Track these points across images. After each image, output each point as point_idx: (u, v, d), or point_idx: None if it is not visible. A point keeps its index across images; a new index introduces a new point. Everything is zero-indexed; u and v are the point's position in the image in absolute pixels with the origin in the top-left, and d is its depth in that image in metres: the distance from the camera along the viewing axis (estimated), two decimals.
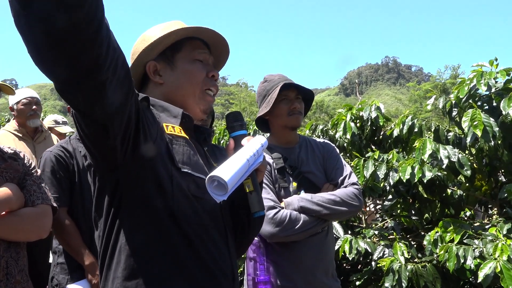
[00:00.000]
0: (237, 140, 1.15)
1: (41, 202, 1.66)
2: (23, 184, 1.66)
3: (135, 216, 1.05)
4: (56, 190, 2.08)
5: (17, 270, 1.59)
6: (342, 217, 2.15)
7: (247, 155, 1.06)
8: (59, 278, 2.12)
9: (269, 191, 1.87)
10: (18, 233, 1.60)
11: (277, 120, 2.01)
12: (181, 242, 1.05)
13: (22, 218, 1.59)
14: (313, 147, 2.07)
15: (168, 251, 1.05)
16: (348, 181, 1.95)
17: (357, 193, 1.91)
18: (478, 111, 2.49)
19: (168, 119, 1.16)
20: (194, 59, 1.24)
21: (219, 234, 1.13)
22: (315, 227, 1.85)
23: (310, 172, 1.98)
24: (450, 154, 2.61)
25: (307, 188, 1.94)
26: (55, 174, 2.11)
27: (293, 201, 1.86)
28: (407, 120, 3.08)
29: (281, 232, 1.79)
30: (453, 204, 3.01)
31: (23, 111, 3.33)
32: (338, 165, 2.01)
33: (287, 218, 1.80)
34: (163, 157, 1.06)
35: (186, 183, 1.07)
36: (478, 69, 2.71)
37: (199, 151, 1.20)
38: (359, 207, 1.92)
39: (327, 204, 1.84)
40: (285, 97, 1.98)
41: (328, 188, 1.95)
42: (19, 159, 1.72)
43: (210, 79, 1.24)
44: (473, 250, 2.34)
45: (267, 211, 1.80)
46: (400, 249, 2.61)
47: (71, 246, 2.07)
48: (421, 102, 42.30)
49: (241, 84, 41.78)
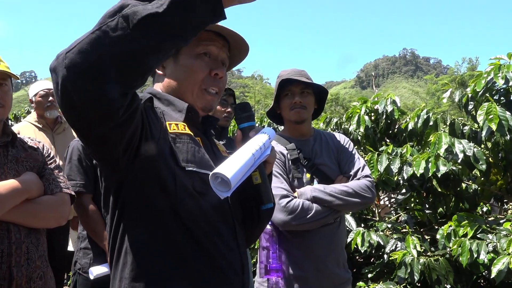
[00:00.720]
0: (245, 132, 1.15)
1: (60, 191, 1.72)
2: (42, 173, 1.72)
3: (140, 218, 1.05)
4: (82, 178, 2.18)
5: (37, 256, 1.65)
6: (354, 208, 2.17)
7: (253, 149, 1.05)
8: (82, 263, 2.22)
9: (282, 181, 1.90)
10: (38, 220, 1.66)
11: (283, 114, 2.07)
12: (187, 241, 1.05)
13: (41, 205, 1.65)
14: (327, 140, 2.09)
15: (174, 251, 1.04)
16: (362, 174, 1.97)
17: (370, 185, 1.93)
18: (494, 104, 2.46)
19: (173, 113, 1.16)
20: (198, 54, 1.17)
21: (227, 228, 1.13)
22: (327, 217, 1.87)
23: (323, 164, 2.00)
24: (466, 148, 2.58)
25: (321, 179, 1.97)
26: (82, 162, 2.21)
27: (306, 191, 1.89)
28: (422, 114, 3.06)
29: (293, 220, 1.82)
30: (467, 198, 2.99)
31: (41, 102, 3.41)
32: (352, 157, 2.03)
33: (299, 207, 1.83)
34: (166, 158, 1.05)
35: (191, 181, 1.07)
36: (496, 62, 2.67)
37: (206, 145, 1.19)
38: (371, 199, 1.94)
39: (340, 195, 1.87)
40: (289, 92, 2.01)
41: (342, 180, 1.97)
42: (38, 149, 1.78)
43: (212, 77, 1.18)
44: (486, 244, 2.33)
45: (280, 199, 1.83)
46: (412, 243, 2.62)
47: (95, 231, 2.16)
48: (439, 96, 41.57)
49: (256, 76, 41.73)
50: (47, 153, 1.80)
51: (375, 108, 3.40)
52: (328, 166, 2.01)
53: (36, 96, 3.43)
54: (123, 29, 0.76)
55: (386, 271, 2.93)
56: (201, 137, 1.20)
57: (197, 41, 1.16)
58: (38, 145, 1.80)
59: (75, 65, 0.77)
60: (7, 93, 1.65)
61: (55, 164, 1.79)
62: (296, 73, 2.02)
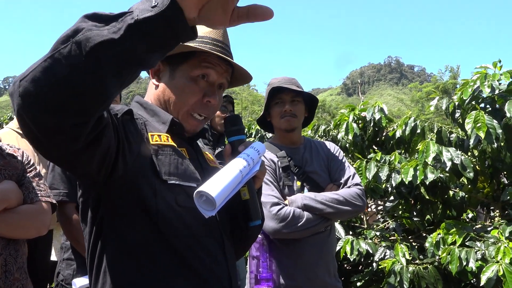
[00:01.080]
0: (234, 146, 1.12)
1: (40, 199, 1.67)
2: (21, 181, 1.67)
3: (119, 235, 1.01)
4: (65, 186, 2.12)
5: (16, 268, 1.59)
6: (345, 216, 2.16)
7: (241, 165, 1.01)
8: (65, 274, 2.16)
9: (273, 188, 1.89)
10: (17, 230, 1.60)
11: (274, 122, 2.06)
12: (171, 258, 1.01)
13: (20, 215, 1.59)
14: (317, 148, 2.10)
15: (157, 270, 1.00)
16: (352, 182, 1.97)
17: (360, 193, 1.94)
18: (482, 113, 2.48)
19: (156, 124, 1.12)
20: (194, 76, 1.13)
21: (214, 242, 1.09)
22: (318, 226, 1.87)
23: (314, 172, 2.00)
24: (453, 156, 2.60)
25: (311, 187, 1.97)
26: (65, 170, 2.13)
27: (297, 198, 1.88)
28: (409, 121, 3.07)
29: (284, 228, 1.81)
30: (455, 205, 3.00)
31: None
32: (342, 166, 2.04)
33: (290, 214, 1.82)
34: (146, 172, 1.01)
35: (173, 195, 1.02)
36: (482, 71, 2.70)
37: (191, 156, 1.15)
38: (362, 207, 1.94)
39: (331, 203, 1.87)
40: (279, 100, 2.01)
41: (332, 188, 1.97)
42: (17, 157, 1.72)
43: (204, 104, 1.13)
44: (475, 252, 2.34)
45: (271, 207, 1.82)
46: (401, 251, 2.61)
47: (79, 241, 2.10)
48: (423, 103, 42.20)
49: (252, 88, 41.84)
50: (27, 160, 1.74)
51: (362, 115, 3.41)
52: (319, 174, 2.01)
53: None
54: (76, 57, 0.68)
55: (375, 279, 2.91)
56: (186, 147, 1.16)
57: (197, 62, 1.12)
58: (17, 152, 1.74)
59: (28, 94, 0.70)
60: None
61: (35, 172, 1.74)
62: (286, 81, 2.01)
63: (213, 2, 0.73)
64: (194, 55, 1.13)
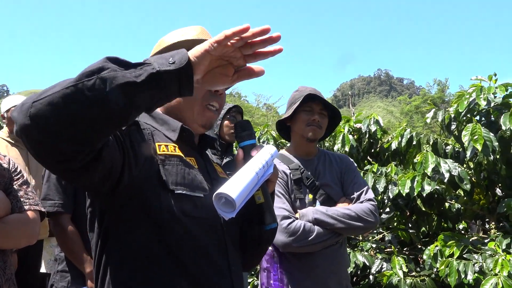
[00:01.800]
0: (246, 150, 1.11)
1: (29, 208, 1.62)
2: (9, 190, 1.62)
3: (123, 245, 1.01)
4: (61, 197, 2.09)
5: (4, 280, 1.54)
6: (356, 232, 2.14)
7: (256, 167, 1.02)
8: (59, 286, 2.12)
9: (284, 201, 1.86)
10: (6, 241, 1.55)
11: (296, 128, 2.02)
12: (173, 268, 1.01)
13: (9, 224, 1.54)
14: (331, 160, 2.07)
15: (160, 280, 1.00)
16: (365, 197, 1.93)
17: (373, 209, 1.90)
18: (478, 125, 2.50)
19: (166, 133, 1.13)
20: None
21: (218, 252, 1.09)
22: (329, 240, 1.84)
23: (326, 185, 1.97)
24: (451, 168, 2.61)
25: (323, 200, 1.94)
26: (60, 181, 2.12)
27: (308, 212, 1.85)
28: (405, 133, 3.08)
29: (294, 242, 1.78)
30: (450, 217, 3.01)
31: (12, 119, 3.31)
32: (356, 180, 2.01)
33: (300, 228, 1.79)
34: (152, 182, 1.01)
35: (179, 205, 1.02)
36: (478, 84, 2.73)
37: (200, 165, 1.15)
38: (374, 223, 1.90)
39: (342, 218, 1.83)
40: (309, 108, 1.99)
41: (344, 203, 1.94)
42: (3, 164, 1.67)
43: (213, 94, 1.17)
44: (473, 265, 2.33)
45: (281, 220, 1.80)
46: (398, 263, 2.60)
47: (74, 252, 2.07)
48: (412, 116, 42.64)
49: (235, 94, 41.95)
50: (14, 168, 1.69)
51: (357, 127, 3.41)
52: (331, 187, 1.98)
53: (8, 112, 3.34)
54: (100, 91, 0.75)
55: None
56: (195, 157, 1.16)
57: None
58: (3, 160, 1.69)
59: (40, 116, 0.74)
60: None
61: (22, 180, 1.69)
62: (316, 92, 2.02)
63: (216, 70, 0.90)
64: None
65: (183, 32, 1.23)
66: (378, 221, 1.94)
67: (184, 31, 1.23)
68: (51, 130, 0.75)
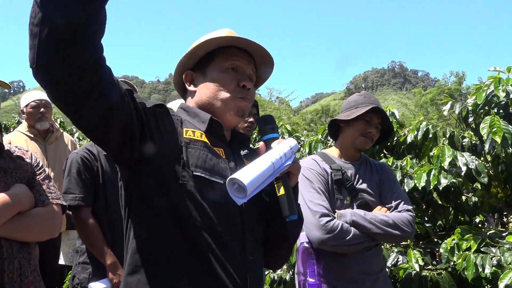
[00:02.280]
0: (268, 144, 1.15)
1: (51, 202, 1.66)
2: (32, 184, 1.66)
3: (141, 215, 1.09)
4: (81, 191, 2.14)
5: (30, 270, 1.59)
6: (392, 240, 2.13)
7: (273, 158, 1.05)
8: (80, 277, 2.17)
9: (324, 198, 1.88)
10: (30, 234, 1.60)
11: (349, 133, 2.03)
12: (185, 245, 1.06)
13: (33, 218, 1.59)
14: (372, 168, 2.09)
15: (171, 253, 1.06)
16: (403, 207, 1.94)
17: (411, 220, 1.90)
18: (497, 117, 2.46)
19: (197, 124, 1.20)
20: (226, 68, 1.23)
21: (234, 240, 1.11)
22: (364, 244, 1.85)
23: (364, 191, 1.98)
24: (468, 161, 2.57)
25: (360, 205, 1.95)
26: (81, 175, 2.17)
27: (346, 213, 1.86)
28: (421, 126, 3.04)
29: (330, 240, 1.79)
30: (467, 211, 2.98)
31: (32, 114, 3.38)
32: (394, 189, 2.01)
33: (338, 227, 1.80)
34: (173, 161, 1.07)
35: (198, 187, 1.07)
36: (496, 76, 2.68)
37: (228, 156, 1.20)
38: (410, 234, 1.90)
39: (380, 224, 1.84)
40: (369, 118, 2.00)
41: (381, 211, 1.95)
42: (26, 159, 1.72)
43: (241, 88, 1.22)
44: (490, 258, 2.31)
45: (320, 217, 1.81)
46: (414, 256, 2.58)
47: (94, 245, 2.12)
48: (427, 108, 42.06)
49: None
50: (36, 162, 1.74)
51: None
52: (369, 193, 1.99)
53: (27, 107, 3.40)
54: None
55: None
56: (224, 148, 1.21)
57: (224, 57, 1.24)
58: (26, 155, 1.74)
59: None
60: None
61: (44, 174, 1.73)
62: (380, 105, 2.05)
63: None
64: (218, 53, 1.25)
65: (212, 34, 1.29)
66: (414, 232, 1.93)
67: (213, 33, 1.30)
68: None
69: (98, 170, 2.21)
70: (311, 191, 1.89)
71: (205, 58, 1.26)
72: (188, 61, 1.27)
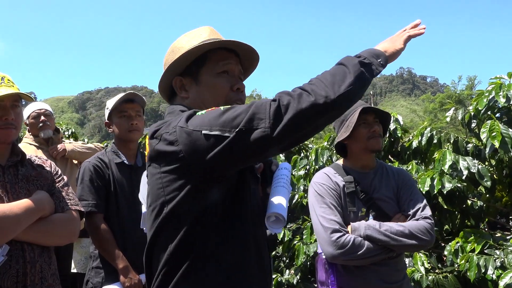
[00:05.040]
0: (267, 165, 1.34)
1: (70, 208, 1.75)
2: (52, 191, 1.75)
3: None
4: (94, 198, 2.23)
5: (50, 274, 1.67)
6: (410, 250, 2.07)
7: (285, 185, 1.22)
8: (94, 282, 2.23)
9: (336, 213, 1.87)
10: (51, 238, 1.68)
11: (357, 144, 2.00)
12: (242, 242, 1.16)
13: (54, 223, 1.67)
14: (388, 174, 2.04)
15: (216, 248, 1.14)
16: (421, 214, 1.88)
17: (429, 227, 1.84)
18: (497, 122, 2.51)
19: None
20: (218, 73, 1.25)
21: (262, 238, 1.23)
22: (380, 255, 1.82)
23: (381, 199, 1.95)
24: (470, 165, 2.61)
25: (377, 215, 1.92)
26: (93, 182, 2.25)
27: (360, 227, 1.84)
28: (426, 132, 3.09)
29: (342, 255, 1.78)
30: (473, 215, 3.00)
31: (34, 124, 3.46)
32: (413, 196, 1.96)
33: (350, 243, 1.78)
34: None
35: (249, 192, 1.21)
36: (497, 81, 2.73)
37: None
38: (429, 242, 1.85)
39: (395, 235, 1.80)
40: (364, 121, 1.97)
41: (399, 219, 1.91)
42: (46, 167, 1.82)
43: (235, 92, 1.25)
44: (494, 260, 2.34)
45: (331, 233, 1.80)
46: (420, 260, 2.62)
47: (106, 249, 2.19)
48: (436, 114, 41.70)
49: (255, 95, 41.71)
50: (55, 171, 1.84)
51: None
52: (386, 201, 1.95)
53: (28, 119, 3.48)
54: (370, 75, 1.16)
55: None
56: None
57: (215, 61, 1.26)
58: (46, 164, 1.83)
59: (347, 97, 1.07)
60: (19, 115, 1.70)
61: (63, 182, 1.83)
62: (365, 103, 2.02)
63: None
64: (208, 57, 1.27)
65: (194, 34, 1.31)
66: (434, 239, 1.88)
67: (195, 33, 1.32)
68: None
69: (110, 178, 2.30)
70: (323, 206, 1.88)
71: (194, 63, 1.27)
72: (178, 65, 1.28)
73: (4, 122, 1.63)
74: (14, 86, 1.67)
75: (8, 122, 1.63)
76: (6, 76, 1.68)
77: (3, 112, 1.63)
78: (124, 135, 2.36)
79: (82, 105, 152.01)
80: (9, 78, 1.68)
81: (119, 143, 2.41)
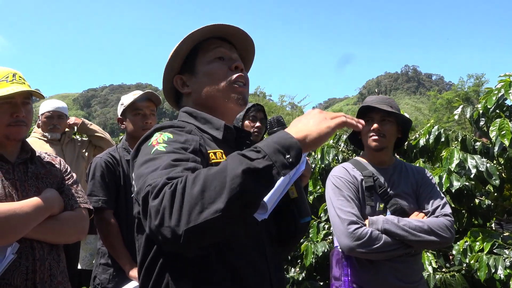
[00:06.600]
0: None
1: (79, 206, 1.75)
2: (61, 188, 1.75)
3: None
4: (105, 194, 2.24)
5: (59, 272, 1.68)
6: (429, 246, 2.05)
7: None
8: (101, 278, 2.24)
9: (353, 206, 1.87)
10: (60, 236, 1.69)
11: (363, 140, 2.05)
12: (220, 267, 1.07)
13: (63, 222, 1.68)
14: (408, 172, 2.04)
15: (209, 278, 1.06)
16: (441, 212, 1.88)
17: (448, 224, 1.84)
18: (506, 120, 2.49)
19: (211, 131, 1.20)
20: (212, 58, 1.24)
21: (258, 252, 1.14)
22: (397, 251, 1.80)
23: (399, 195, 1.95)
24: (478, 163, 2.60)
25: (394, 211, 1.91)
26: (104, 178, 2.27)
27: (378, 220, 1.83)
28: (433, 130, 3.08)
29: (359, 247, 1.78)
30: (481, 214, 2.98)
31: (45, 123, 3.49)
32: (432, 193, 1.95)
33: (367, 235, 1.78)
34: None
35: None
36: (506, 79, 2.71)
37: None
38: (449, 239, 1.84)
39: (413, 230, 1.79)
40: (369, 118, 1.99)
41: (418, 216, 1.90)
42: (56, 165, 1.82)
43: (234, 71, 1.23)
44: (503, 260, 2.33)
45: (349, 225, 1.80)
46: (428, 259, 2.61)
47: (113, 245, 2.20)
48: (442, 112, 41.47)
49: (259, 93, 41.86)
50: (64, 168, 1.84)
51: None
52: (405, 198, 1.94)
53: (42, 116, 3.51)
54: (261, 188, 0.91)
55: None
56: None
57: (206, 50, 1.26)
58: (55, 161, 1.84)
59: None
60: (30, 112, 1.69)
61: (73, 179, 1.83)
62: (379, 100, 2.01)
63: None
64: (200, 48, 1.26)
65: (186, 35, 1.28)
66: (454, 237, 1.87)
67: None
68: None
69: (120, 174, 2.31)
70: (340, 199, 1.89)
71: (189, 58, 1.27)
72: (174, 64, 1.28)
73: (15, 119, 1.63)
74: (26, 83, 1.67)
75: (19, 119, 1.63)
76: (18, 72, 1.68)
77: (14, 109, 1.62)
78: (138, 132, 2.36)
79: (86, 102, 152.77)
80: (21, 75, 1.68)
81: (131, 140, 2.42)
